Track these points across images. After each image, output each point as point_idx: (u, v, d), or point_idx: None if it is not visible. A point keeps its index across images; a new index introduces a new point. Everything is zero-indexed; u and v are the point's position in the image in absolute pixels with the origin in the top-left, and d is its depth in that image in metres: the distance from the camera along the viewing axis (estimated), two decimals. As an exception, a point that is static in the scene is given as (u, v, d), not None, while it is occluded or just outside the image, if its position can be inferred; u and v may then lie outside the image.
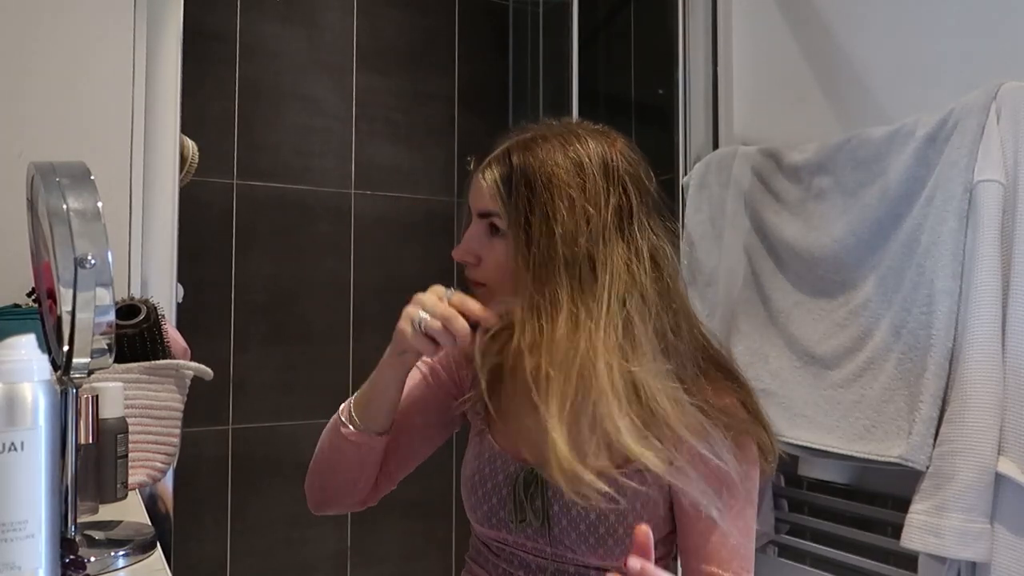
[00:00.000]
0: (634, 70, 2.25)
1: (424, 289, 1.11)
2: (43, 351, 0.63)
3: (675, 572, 0.92)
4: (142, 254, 1.39)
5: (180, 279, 1.49)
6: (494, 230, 0.88)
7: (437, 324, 0.82)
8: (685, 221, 1.87)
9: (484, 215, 0.89)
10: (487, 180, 0.87)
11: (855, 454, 1.38)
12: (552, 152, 0.83)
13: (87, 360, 0.74)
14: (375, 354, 1.02)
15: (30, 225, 0.84)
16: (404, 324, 0.85)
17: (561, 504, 0.86)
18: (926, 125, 1.35)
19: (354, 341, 2.29)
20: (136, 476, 1.07)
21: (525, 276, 0.83)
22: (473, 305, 0.83)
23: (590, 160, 0.83)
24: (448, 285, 0.92)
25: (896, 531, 1.30)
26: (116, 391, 1.02)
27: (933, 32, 1.46)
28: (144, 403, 1.09)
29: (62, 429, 0.79)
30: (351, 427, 0.92)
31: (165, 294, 1.41)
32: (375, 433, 0.92)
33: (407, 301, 0.90)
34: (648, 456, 0.77)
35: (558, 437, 0.77)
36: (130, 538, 0.83)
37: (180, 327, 1.33)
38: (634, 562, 0.68)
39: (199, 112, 2.11)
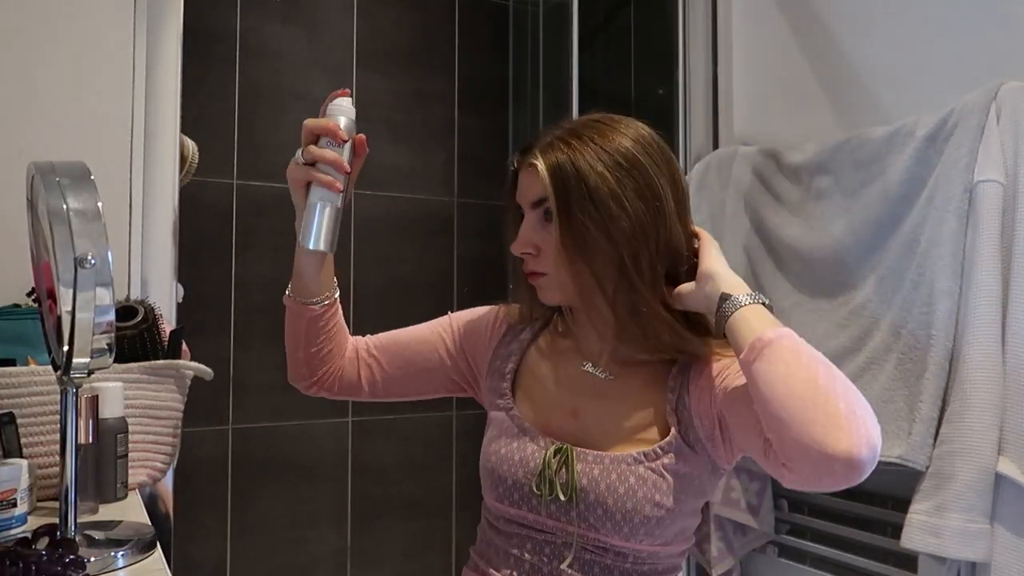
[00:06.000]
0: (634, 70, 2.25)
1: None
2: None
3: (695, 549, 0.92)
4: (142, 254, 1.38)
5: (180, 279, 1.49)
6: (548, 216, 0.88)
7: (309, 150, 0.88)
8: (685, 221, 1.87)
9: (538, 203, 0.89)
10: (540, 168, 0.87)
11: (855, 454, 1.38)
12: (594, 145, 0.86)
13: (87, 360, 0.74)
14: (375, 354, 1.02)
15: (30, 225, 0.84)
16: (289, 166, 0.91)
17: (590, 479, 0.87)
18: (926, 125, 1.35)
19: (354, 341, 2.29)
20: (136, 476, 1.07)
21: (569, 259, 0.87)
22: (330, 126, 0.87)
23: (634, 155, 0.87)
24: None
25: (896, 531, 1.30)
26: (116, 391, 1.02)
27: (933, 32, 1.46)
28: (144, 403, 1.09)
29: (62, 429, 0.79)
30: (286, 295, 1.01)
31: (165, 294, 1.40)
32: (302, 303, 0.99)
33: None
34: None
35: None
36: (130, 538, 0.83)
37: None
38: None
39: (199, 112, 2.11)
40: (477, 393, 1.07)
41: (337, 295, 1.02)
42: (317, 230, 0.88)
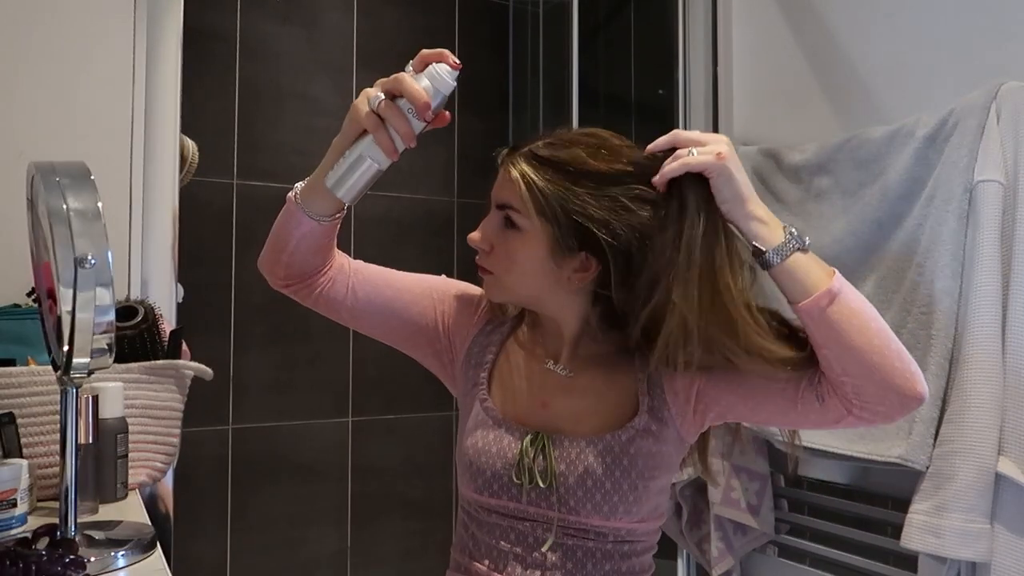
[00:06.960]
0: (634, 70, 2.25)
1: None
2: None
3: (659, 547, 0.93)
4: (142, 254, 1.39)
5: (180, 279, 1.49)
6: (508, 223, 0.90)
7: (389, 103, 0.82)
8: (685, 221, 1.87)
9: (502, 207, 0.90)
10: (513, 174, 0.88)
11: (855, 454, 1.38)
12: (579, 154, 0.86)
13: (87, 360, 0.74)
14: (375, 353, 1.01)
15: (30, 225, 0.84)
16: (360, 102, 0.84)
17: (567, 463, 0.89)
18: (926, 125, 1.35)
19: (353, 341, 2.29)
20: (136, 476, 1.08)
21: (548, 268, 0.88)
22: (419, 95, 0.81)
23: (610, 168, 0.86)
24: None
25: (896, 531, 1.30)
26: (116, 391, 1.02)
27: (933, 32, 1.46)
28: (144, 403, 1.09)
29: (62, 429, 0.79)
30: (292, 196, 0.93)
31: (165, 294, 1.41)
32: (307, 214, 0.91)
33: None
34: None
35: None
36: (130, 538, 0.83)
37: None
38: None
39: (199, 112, 2.11)
40: (447, 371, 1.05)
41: (343, 215, 0.96)
42: (352, 183, 0.84)
